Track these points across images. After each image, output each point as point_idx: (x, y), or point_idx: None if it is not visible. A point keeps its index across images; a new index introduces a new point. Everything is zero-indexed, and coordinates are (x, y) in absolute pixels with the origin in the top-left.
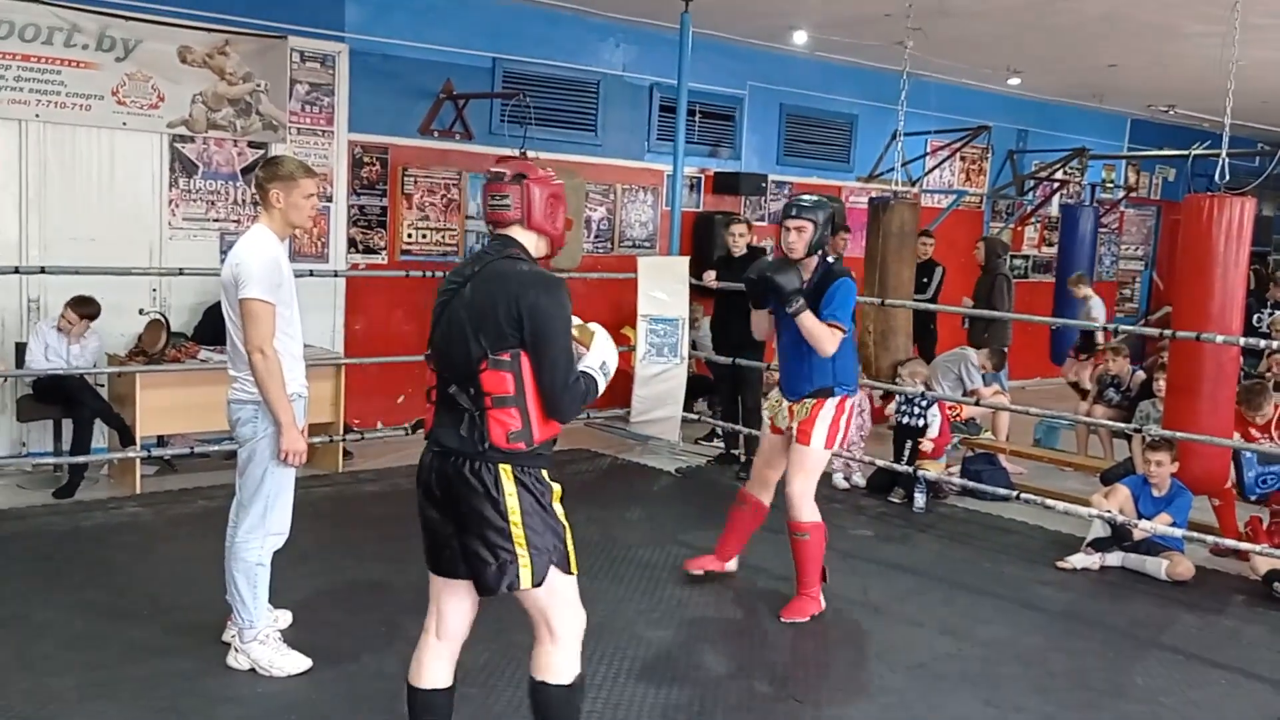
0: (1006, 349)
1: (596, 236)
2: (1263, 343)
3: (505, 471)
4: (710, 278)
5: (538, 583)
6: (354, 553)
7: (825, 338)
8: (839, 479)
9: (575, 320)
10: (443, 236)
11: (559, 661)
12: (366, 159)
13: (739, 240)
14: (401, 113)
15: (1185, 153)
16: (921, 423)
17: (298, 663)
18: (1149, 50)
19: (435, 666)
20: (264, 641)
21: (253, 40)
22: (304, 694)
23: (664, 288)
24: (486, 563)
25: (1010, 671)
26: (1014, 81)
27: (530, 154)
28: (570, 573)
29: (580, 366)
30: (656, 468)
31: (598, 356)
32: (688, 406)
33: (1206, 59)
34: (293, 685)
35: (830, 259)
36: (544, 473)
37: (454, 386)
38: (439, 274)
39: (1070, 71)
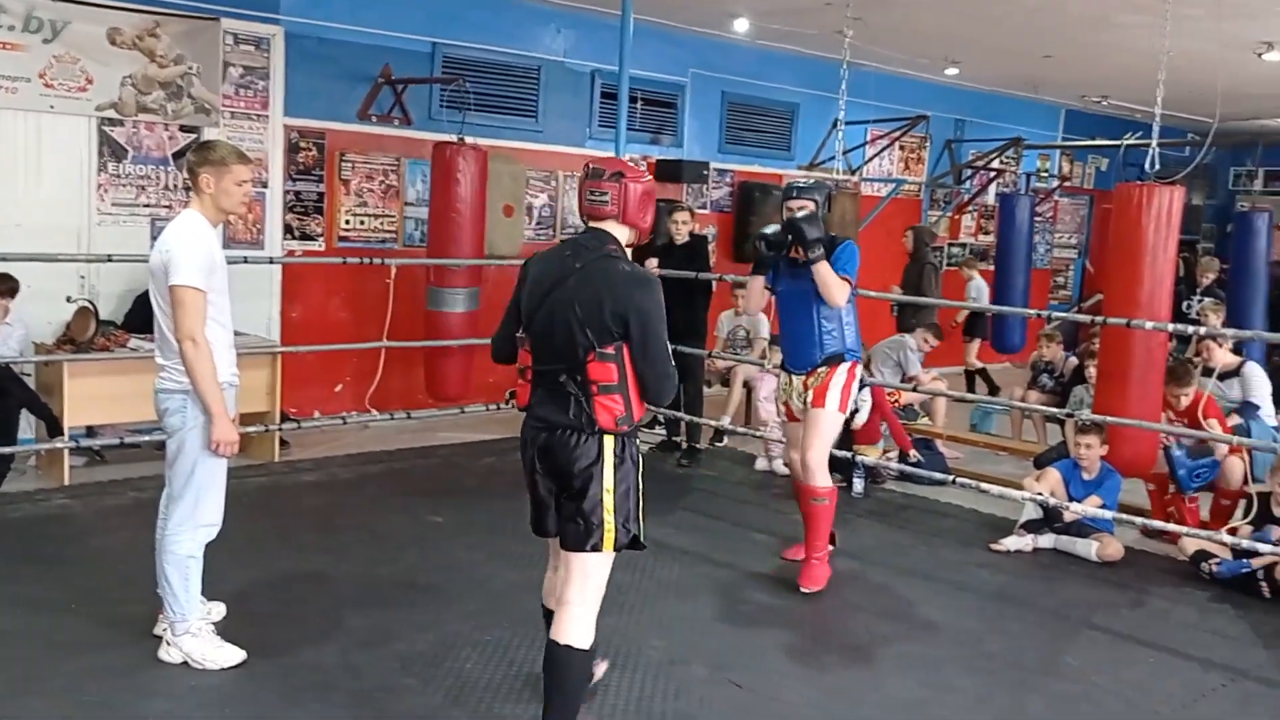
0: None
1: (538, 224)
2: (1191, 329)
3: (609, 445)
4: (652, 265)
5: (617, 549)
6: (290, 543)
7: (837, 286)
8: (760, 461)
9: None
10: (381, 223)
11: (582, 624)
12: (303, 144)
13: (681, 228)
14: (339, 97)
15: (1117, 143)
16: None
17: (231, 655)
18: (1083, 41)
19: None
20: (196, 634)
21: (184, 22)
22: (238, 687)
23: None
24: (578, 524)
25: (946, 653)
26: (951, 72)
27: (469, 140)
28: (617, 550)
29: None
30: None
31: None
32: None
33: (1138, 50)
34: (226, 678)
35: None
36: (637, 444)
37: (563, 375)
38: (378, 260)
39: (1006, 62)
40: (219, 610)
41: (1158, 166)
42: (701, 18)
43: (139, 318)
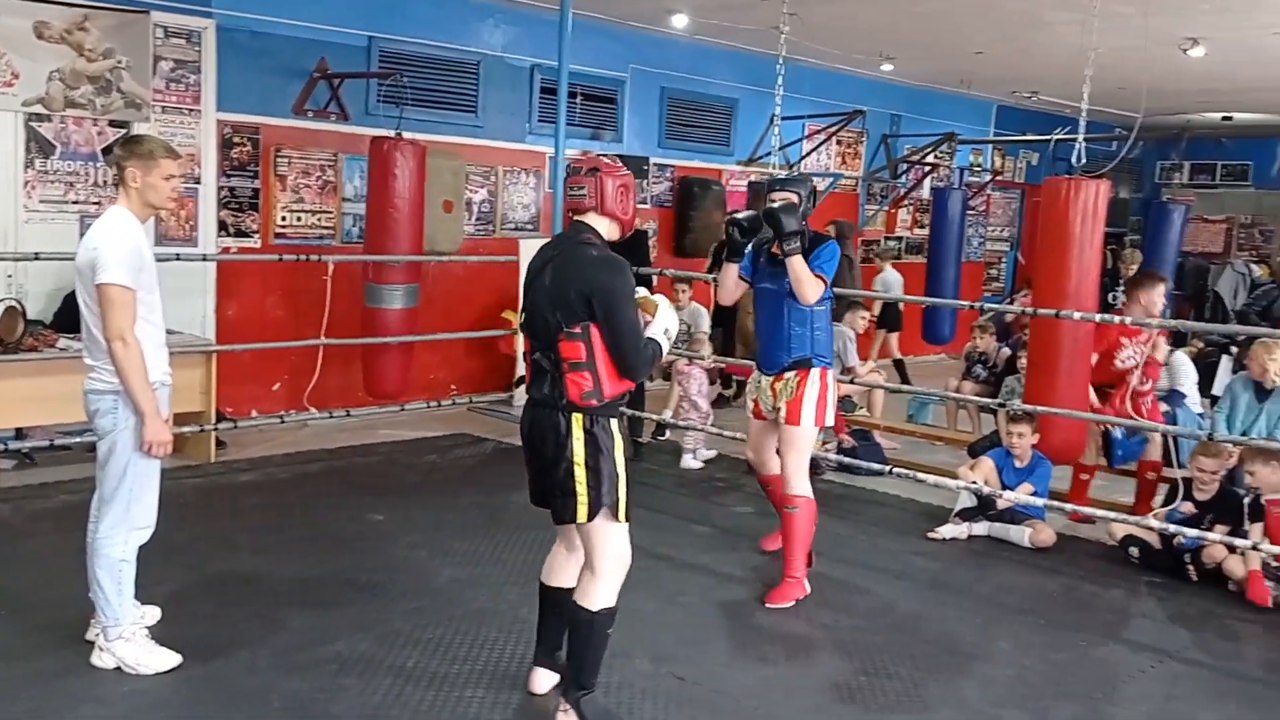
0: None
1: (478, 219)
2: (1117, 319)
3: (577, 421)
4: None
5: (589, 519)
6: (226, 545)
7: (810, 283)
8: (687, 459)
9: (641, 291)
10: (319, 219)
11: (595, 590)
12: (237, 139)
13: None
14: (273, 92)
15: (1047, 138)
16: None
17: (166, 660)
18: (1013, 38)
19: (561, 569)
20: (130, 639)
21: (113, 15)
22: (173, 692)
23: None
24: (555, 496)
25: (883, 640)
26: (887, 67)
27: (408, 134)
28: (619, 520)
29: (646, 334)
30: None
31: (660, 324)
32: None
33: (1067, 46)
34: (161, 683)
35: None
36: (612, 423)
37: (538, 353)
38: (315, 258)
39: (940, 58)
40: (153, 614)
41: (1084, 161)
42: (640, 13)
43: (68, 317)
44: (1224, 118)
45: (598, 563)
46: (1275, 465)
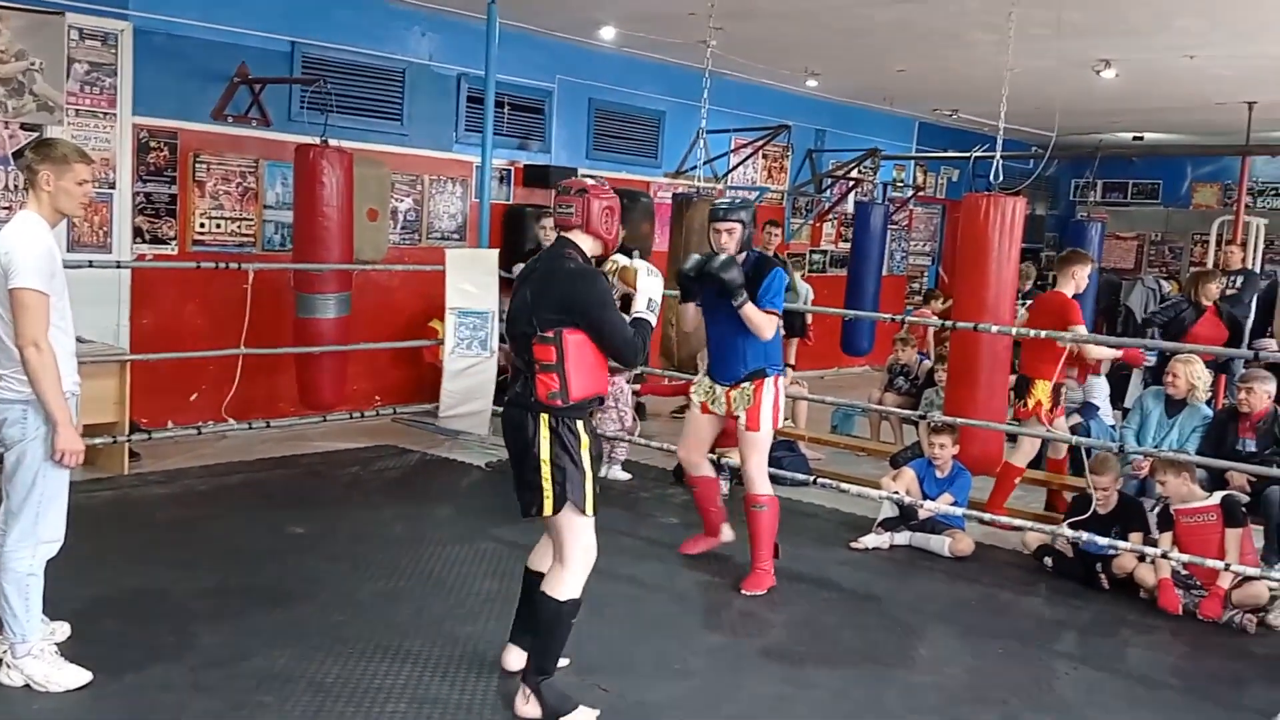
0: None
1: (403, 228)
2: (1032, 332)
3: (544, 420)
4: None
5: (555, 512)
6: (139, 559)
7: (766, 325)
8: (615, 470)
9: (620, 260)
10: (239, 226)
11: (562, 579)
12: (154, 144)
13: (550, 233)
14: (192, 96)
15: (966, 155)
16: None
17: (76, 677)
18: (934, 57)
19: (546, 558)
20: (38, 656)
21: (26, 16)
22: (84, 710)
23: (473, 280)
24: (524, 490)
25: (807, 650)
26: (812, 83)
27: (333, 142)
28: (585, 514)
29: (633, 314)
30: (466, 462)
31: (644, 298)
32: (498, 399)
33: (985, 66)
34: (71, 701)
35: (756, 250)
36: (579, 424)
37: (518, 357)
38: (234, 265)
39: (863, 75)
40: (63, 630)
41: (1002, 178)
42: (568, 24)
43: None
44: (1135, 137)
45: (565, 554)
46: (1185, 477)
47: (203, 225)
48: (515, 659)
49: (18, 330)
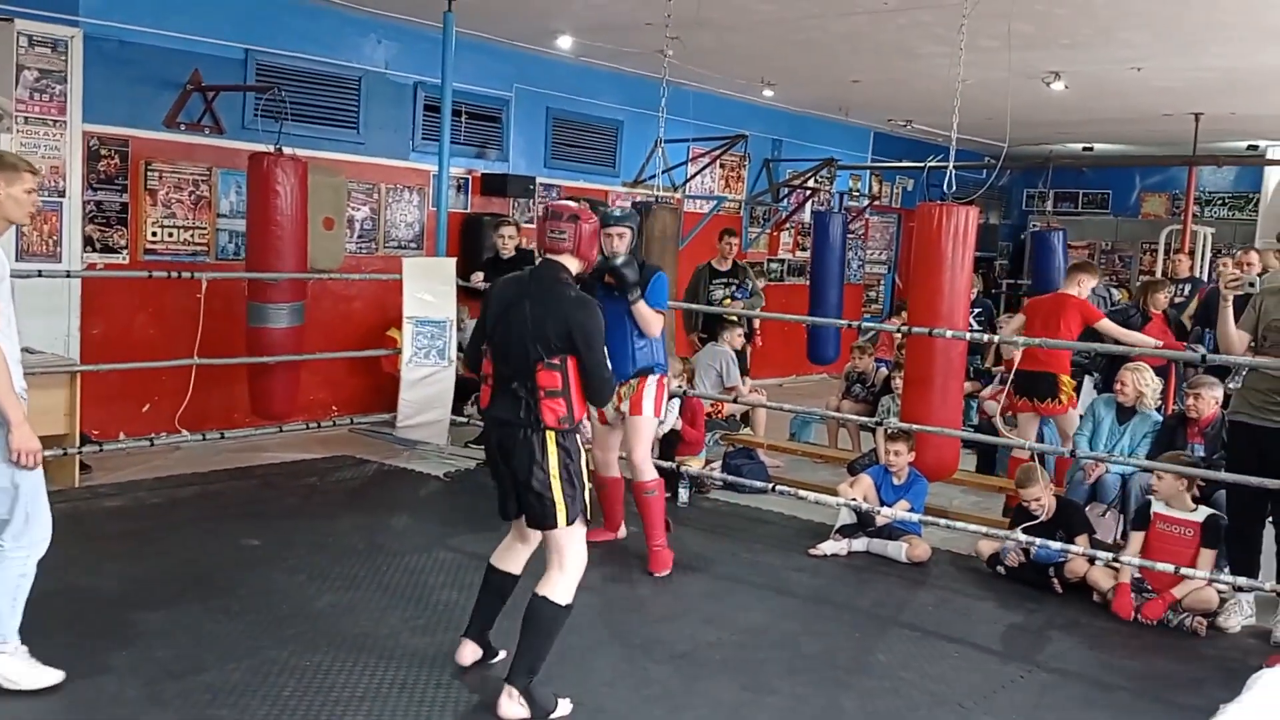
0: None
1: (360, 237)
2: (986, 336)
3: (550, 438)
4: (478, 279)
5: (570, 523)
6: (91, 572)
7: (654, 321)
8: None
9: None
10: (192, 235)
11: (561, 584)
12: (104, 151)
13: (508, 242)
14: (144, 103)
15: (920, 165)
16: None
17: (50, 676)
18: (888, 68)
19: (512, 558)
20: (12, 654)
21: None
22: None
23: (431, 289)
24: (534, 507)
25: (765, 656)
26: (768, 93)
27: (288, 150)
28: (587, 523)
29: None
30: (424, 472)
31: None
32: (456, 409)
33: (938, 78)
34: (23, 716)
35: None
36: (576, 438)
37: (515, 382)
38: (187, 274)
39: (818, 85)
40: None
41: (954, 188)
42: (525, 33)
43: None
44: (1085, 148)
45: (567, 563)
46: (1185, 483)
47: (154, 234)
48: (469, 654)
49: None
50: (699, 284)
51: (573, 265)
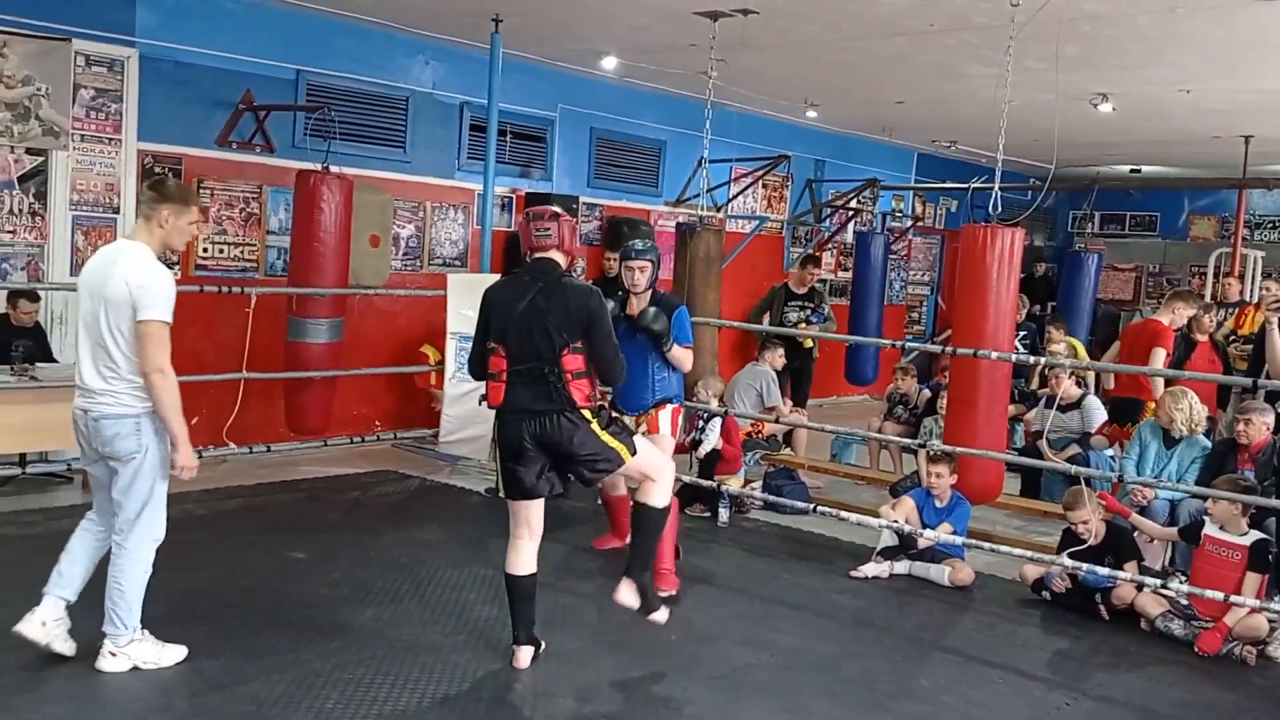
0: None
1: (405, 254)
2: (1032, 358)
3: (586, 414)
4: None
5: (633, 454)
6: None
7: (686, 359)
8: None
9: None
10: (242, 251)
11: (658, 490)
12: (158, 169)
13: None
14: (197, 122)
15: (965, 185)
16: (700, 437)
17: (177, 653)
18: (932, 89)
19: (528, 559)
20: (142, 640)
21: (33, 41)
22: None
23: (474, 306)
24: (595, 466)
25: (804, 679)
26: (811, 114)
27: (335, 169)
28: (641, 439)
29: None
30: (465, 488)
31: None
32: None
33: (983, 99)
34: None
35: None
36: (600, 406)
37: (543, 369)
38: (238, 290)
39: (862, 106)
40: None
41: (1000, 209)
42: (570, 54)
43: None
44: (1132, 170)
45: (653, 470)
46: (1239, 507)
47: (205, 250)
48: (525, 657)
49: (144, 357)
50: (773, 302)
51: (561, 260)
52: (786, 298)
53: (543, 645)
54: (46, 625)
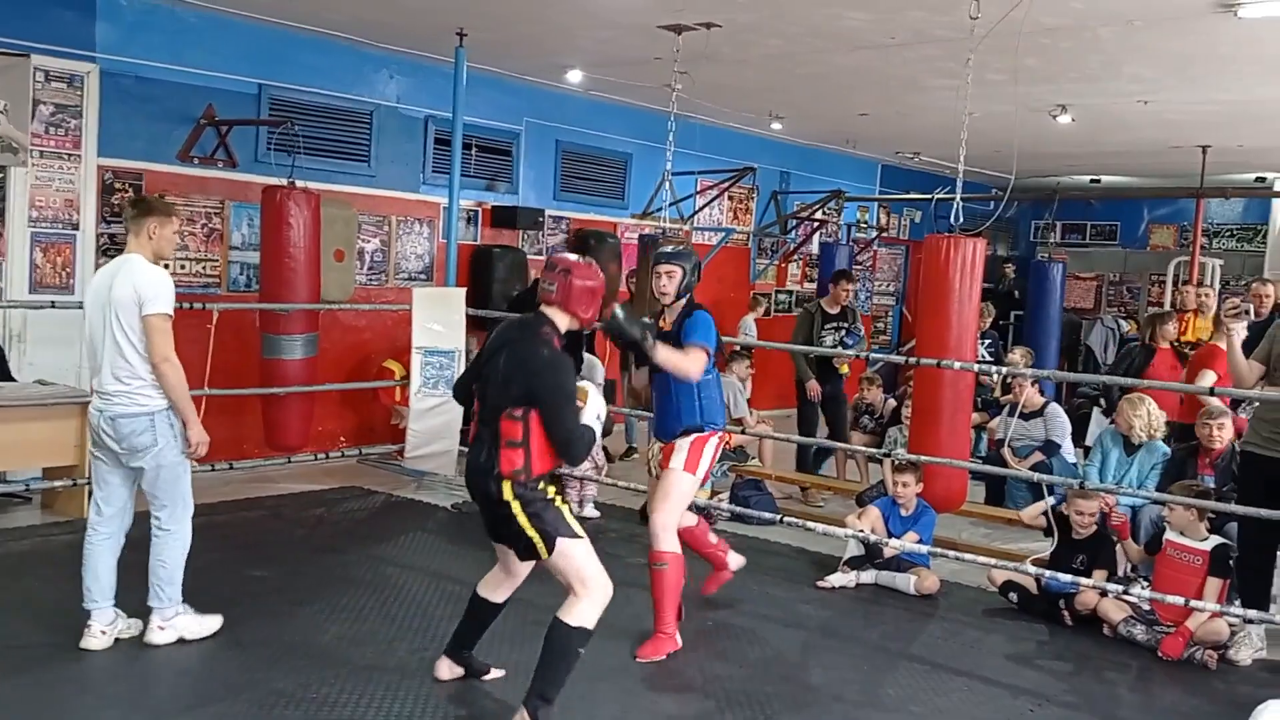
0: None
1: (370, 269)
2: (994, 369)
3: (508, 487)
4: None
5: (551, 551)
6: None
7: (685, 363)
8: (589, 509)
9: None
10: (204, 267)
11: (579, 608)
12: (118, 185)
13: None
14: (159, 138)
15: (927, 197)
16: None
17: (215, 622)
18: (895, 101)
19: (495, 589)
20: (185, 612)
21: None
22: None
23: (440, 319)
24: (516, 544)
25: (773, 689)
26: (776, 126)
27: (300, 183)
28: (578, 536)
29: (581, 421)
30: (431, 503)
31: (592, 411)
32: (464, 439)
33: (945, 111)
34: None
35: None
36: (539, 484)
37: (484, 427)
38: (199, 305)
39: (826, 118)
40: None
41: (962, 219)
42: (535, 68)
43: None
44: (1092, 180)
45: (576, 585)
46: (1195, 513)
47: (167, 266)
48: (445, 670)
49: (151, 348)
50: (811, 326)
51: (561, 319)
52: (823, 320)
53: (488, 673)
54: (106, 632)
